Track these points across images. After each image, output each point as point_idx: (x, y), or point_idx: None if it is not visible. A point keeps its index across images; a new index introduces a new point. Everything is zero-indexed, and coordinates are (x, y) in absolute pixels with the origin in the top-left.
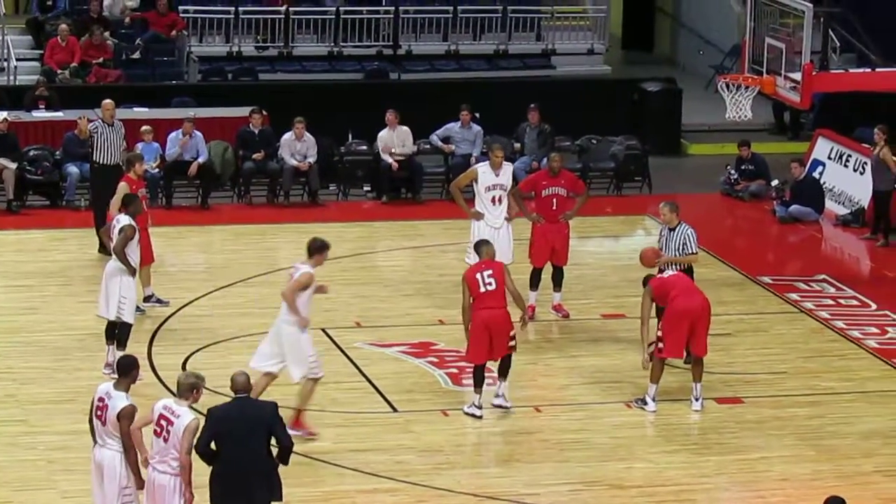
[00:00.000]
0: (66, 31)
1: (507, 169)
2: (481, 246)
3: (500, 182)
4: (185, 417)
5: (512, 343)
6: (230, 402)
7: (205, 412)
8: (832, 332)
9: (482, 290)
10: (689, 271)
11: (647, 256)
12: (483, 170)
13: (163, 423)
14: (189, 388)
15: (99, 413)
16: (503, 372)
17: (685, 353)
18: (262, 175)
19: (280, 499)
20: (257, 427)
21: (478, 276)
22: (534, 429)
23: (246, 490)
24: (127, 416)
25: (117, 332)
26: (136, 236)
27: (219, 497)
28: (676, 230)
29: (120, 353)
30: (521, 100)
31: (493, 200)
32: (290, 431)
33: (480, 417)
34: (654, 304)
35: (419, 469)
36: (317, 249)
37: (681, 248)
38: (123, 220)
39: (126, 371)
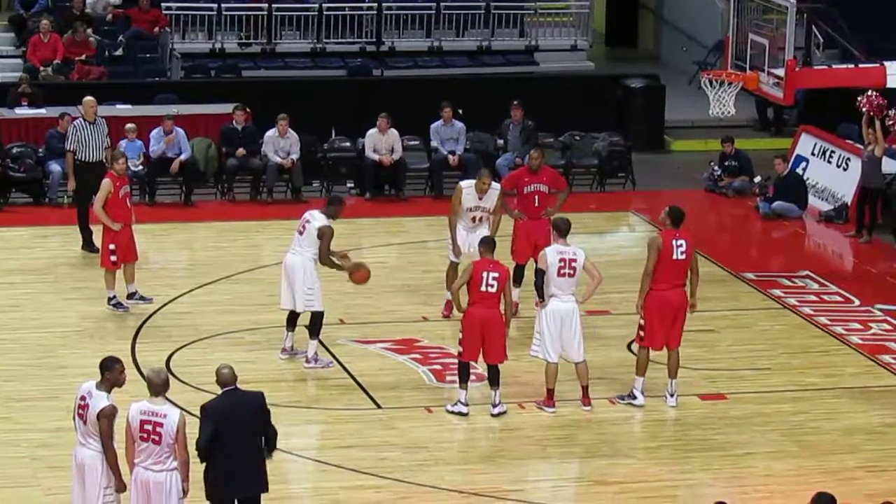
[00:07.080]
0: (49, 28)
1: (493, 194)
2: (486, 244)
3: (483, 206)
4: (173, 414)
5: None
6: (221, 395)
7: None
8: (815, 327)
9: (482, 288)
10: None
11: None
12: (468, 191)
13: (148, 427)
14: (165, 385)
15: (80, 412)
16: (494, 381)
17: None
18: (246, 172)
19: (266, 489)
20: (255, 416)
21: (484, 273)
22: (517, 425)
23: (246, 481)
24: (107, 415)
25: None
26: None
27: (222, 490)
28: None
29: (314, 342)
30: (505, 96)
31: (473, 219)
32: None
33: (467, 415)
34: (658, 257)
35: (403, 465)
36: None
37: None
38: (320, 218)
39: (104, 370)
